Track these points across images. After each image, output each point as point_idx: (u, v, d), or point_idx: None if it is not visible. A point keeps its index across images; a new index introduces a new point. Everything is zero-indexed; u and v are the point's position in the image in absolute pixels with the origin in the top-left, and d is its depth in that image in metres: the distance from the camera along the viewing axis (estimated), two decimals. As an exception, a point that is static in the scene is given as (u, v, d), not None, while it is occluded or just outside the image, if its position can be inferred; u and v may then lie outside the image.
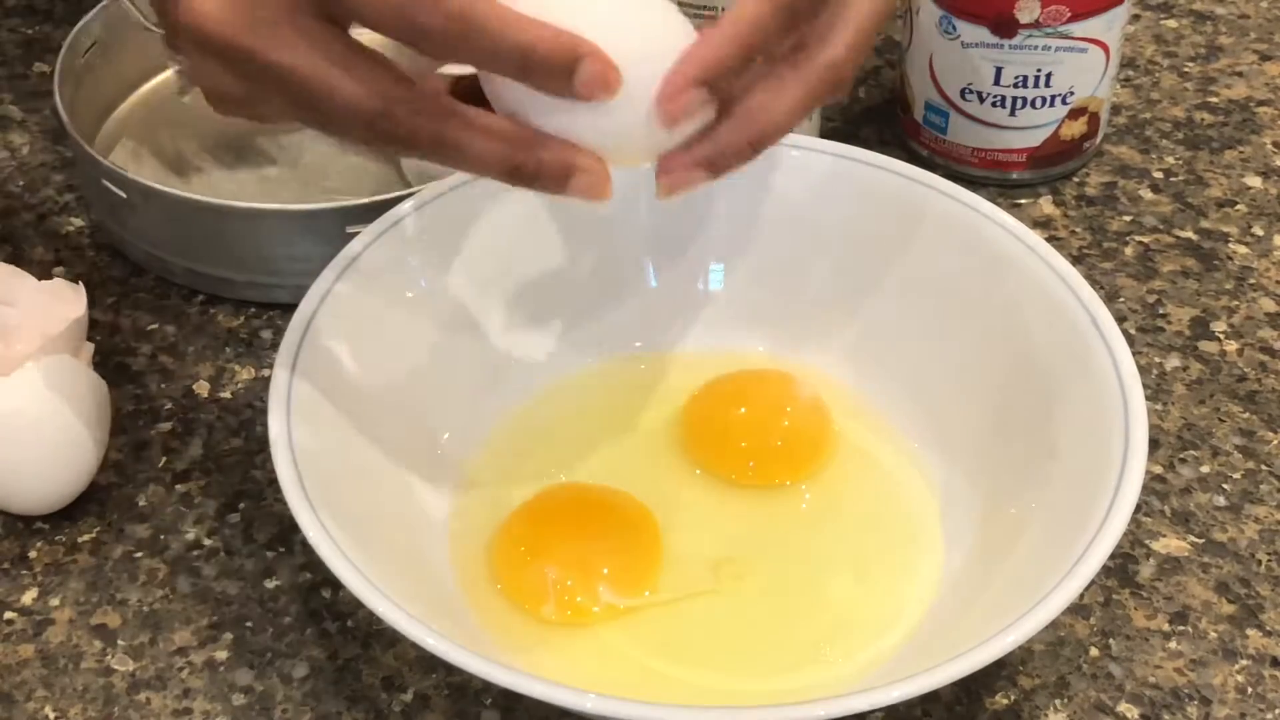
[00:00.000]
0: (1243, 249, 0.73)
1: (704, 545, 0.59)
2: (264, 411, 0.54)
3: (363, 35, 0.47)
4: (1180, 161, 0.78)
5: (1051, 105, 0.73)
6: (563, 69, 0.46)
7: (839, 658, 0.55)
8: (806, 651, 0.55)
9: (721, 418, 0.63)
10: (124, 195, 0.69)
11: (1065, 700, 0.56)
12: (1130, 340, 0.57)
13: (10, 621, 0.58)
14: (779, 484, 0.61)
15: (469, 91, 0.49)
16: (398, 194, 0.64)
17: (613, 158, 0.49)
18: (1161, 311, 0.70)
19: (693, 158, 0.49)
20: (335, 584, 0.52)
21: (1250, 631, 0.58)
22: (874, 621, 0.56)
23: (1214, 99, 0.82)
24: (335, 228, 0.66)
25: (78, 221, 0.74)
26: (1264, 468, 0.63)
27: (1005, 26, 0.71)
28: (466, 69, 0.48)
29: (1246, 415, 0.65)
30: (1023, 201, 0.76)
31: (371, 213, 0.61)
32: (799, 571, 0.58)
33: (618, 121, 0.48)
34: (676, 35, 0.48)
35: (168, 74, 0.80)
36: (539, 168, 0.48)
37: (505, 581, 0.57)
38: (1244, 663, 0.57)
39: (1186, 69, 0.84)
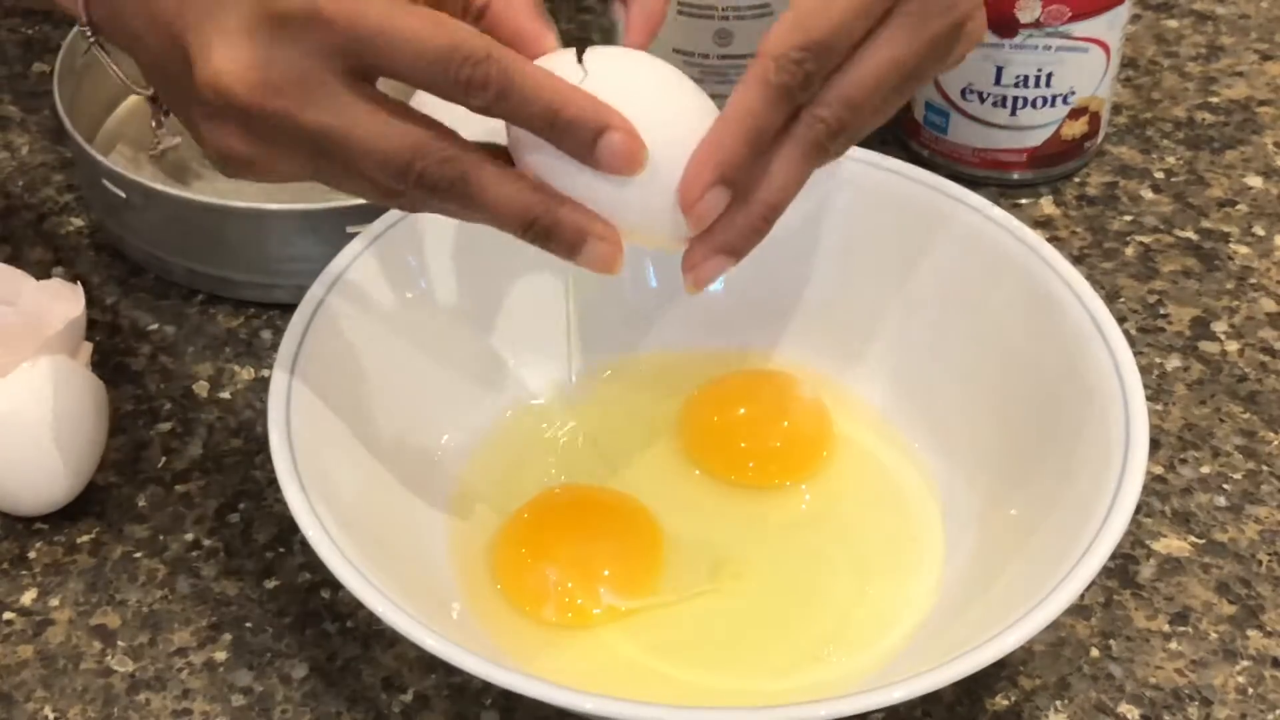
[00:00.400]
0: (1244, 249, 0.73)
1: (704, 546, 0.58)
2: (264, 412, 0.54)
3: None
4: (1181, 161, 0.78)
5: (1052, 105, 0.73)
6: (589, 134, 0.47)
7: (839, 658, 0.55)
8: (806, 651, 0.55)
9: (721, 418, 0.63)
10: (124, 195, 0.69)
11: (1066, 701, 0.55)
12: (1131, 340, 0.57)
13: (10, 622, 0.58)
14: (779, 484, 0.61)
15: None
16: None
17: (631, 236, 0.50)
18: (1162, 312, 0.70)
19: (713, 247, 0.50)
20: (335, 584, 0.51)
21: (1251, 632, 0.58)
22: (875, 621, 0.56)
23: (1215, 99, 0.82)
24: (335, 228, 0.66)
25: (78, 221, 0.74)
26: (1265, 468, 0.63)
27: (1006, 26, 0.71)
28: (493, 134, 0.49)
29: (1247, 415, 0.65)
30: (1023, 201, 0.76)
31: (371, 213, 0.61)
32: (799, 572, 0.58)
33: (640, 201, 0.49)
34: (703, 119, 0.49)
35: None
36: (555, 226, 0.49)
37: (506, 583, 0.57)
38: (1245, 663, 0.57)
39: (1187, 69, 0.84)
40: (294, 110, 0.47)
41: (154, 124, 0.54)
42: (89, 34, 0.52)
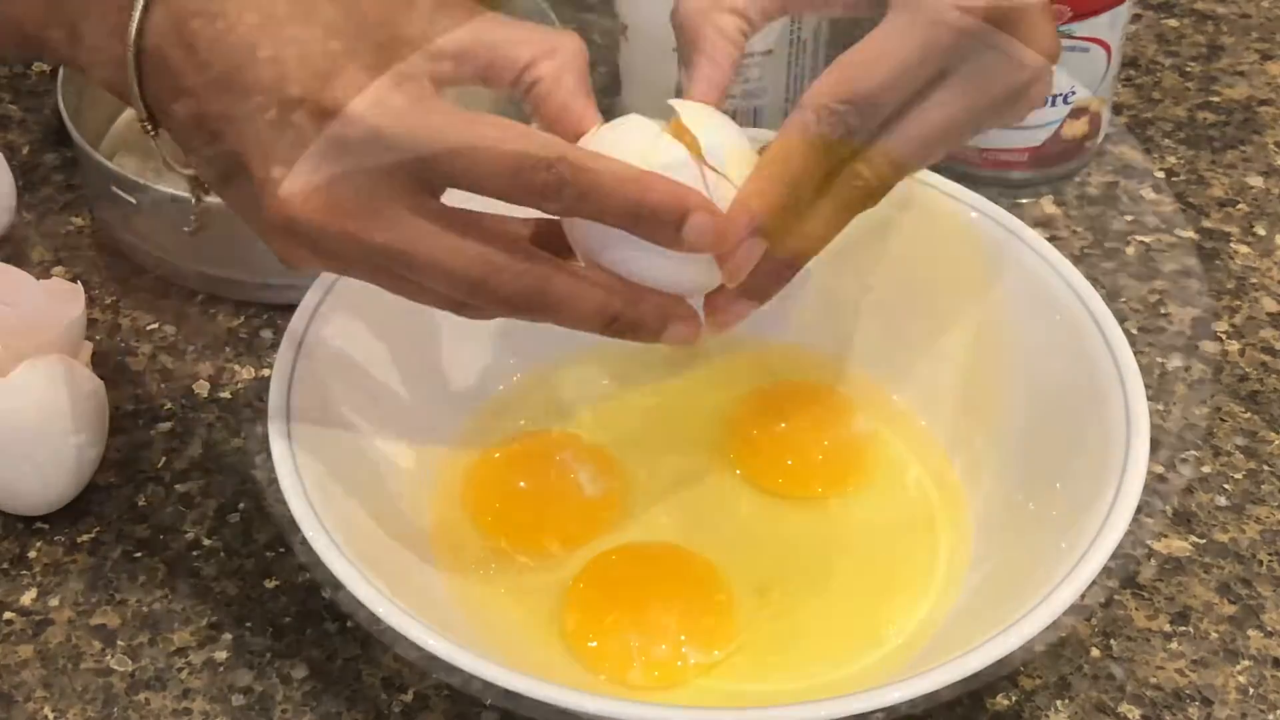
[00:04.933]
0: (1244, 249, 0.73)
1: (746, 560, 0.57)
2: (264, 411, 0.54)
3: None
4: (1182, 161, 0.78)
5: (1053, 105, 0.73)
6: (674, 220, 0.47)
7: (843, 659, 0.55)
8: (809, 653, 0.55)
9: (777, 428, 0.62)
10: (134, 201, 0.68)
11: (1066, 701, 0.55)
12: (1132, 340, 0.57)
13: (10, 621, 0.58)
14: (807, 496, 0.60)
15: (547, 233, 0.50)
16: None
17: (657, 285, 0.50)
18: (1163, 311, 0.70)
19: (741, 292, 0.50)
20: (335, 584, 0.51)
21: (1251, 632, 0.58)
22: (876, 623, 0.56)
23: (1215, 98, 0.82)
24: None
25: (78, 221, 0.74)
26: (1265, 468, 0.63)
27: (1006, 26, 0.71)
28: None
29: (1248, 415, 0.65)
30: (1024, 201, 0.76)
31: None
32: (805, 577, 0.58)
33: (693, 264, 0.49)
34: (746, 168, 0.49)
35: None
36: (639, 320, 0.49)
37: (580, 649, 0.55)
38: (1245, 663, 0.57)
39: (1188, 68, 0.84)
40: (361, 232, 0.46)
41: (193, 200, 0.53)
42: (149, 128, 0.50)
